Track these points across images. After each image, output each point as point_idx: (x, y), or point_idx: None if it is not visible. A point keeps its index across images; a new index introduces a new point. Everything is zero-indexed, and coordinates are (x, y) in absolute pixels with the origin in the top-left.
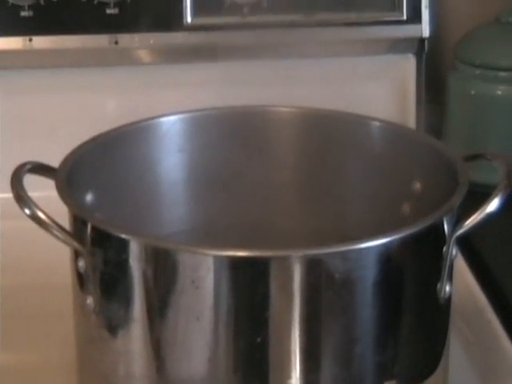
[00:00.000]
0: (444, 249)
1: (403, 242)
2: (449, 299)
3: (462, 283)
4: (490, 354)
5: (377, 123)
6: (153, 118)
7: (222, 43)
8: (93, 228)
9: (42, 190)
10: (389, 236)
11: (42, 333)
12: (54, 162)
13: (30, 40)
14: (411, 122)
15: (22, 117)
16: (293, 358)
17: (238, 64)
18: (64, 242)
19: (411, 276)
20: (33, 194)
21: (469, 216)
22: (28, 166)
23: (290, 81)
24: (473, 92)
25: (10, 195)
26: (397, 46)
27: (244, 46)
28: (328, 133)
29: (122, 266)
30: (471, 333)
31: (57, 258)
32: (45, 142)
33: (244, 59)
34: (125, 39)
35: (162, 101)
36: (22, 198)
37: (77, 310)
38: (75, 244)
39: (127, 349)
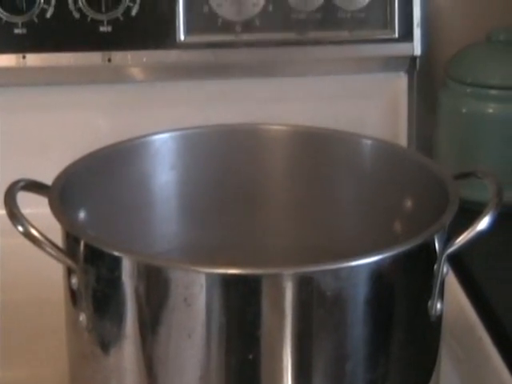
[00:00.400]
0: (435, 266)
1: (395, 260)
2: (440, 317)
3: (452, 300)
4: (481, 371)
5: (368, 141)
6: (145, 136)
7: (214, 61)
8: (85, 245)
9: (35, 207)
10: (380, 254)
11: (34, 348)
12: (47, 179)
13: (24, 57)
14: (403, 139)
15: (14, 134)
16: (284, 375)
17: (231, 82)
18: (57, 259)
19: (402, 293)
20: (26, 210)
21: (460, 234)
22: (21, 184)
23: (282, 99)
24: (464, 110)
25: (1, 211)
26: (389, 64)
27: (237, 64)
28: (320, 151)
29: (115, 283)
30: (462, 350)
31: (51, 274)
32: (38, 159)
33: (236, 77)
34: (118, 57)
35: (154, 118)
36: (15, 215)
37: (69, 326)
38: (68, 261)
39: (119, 365)
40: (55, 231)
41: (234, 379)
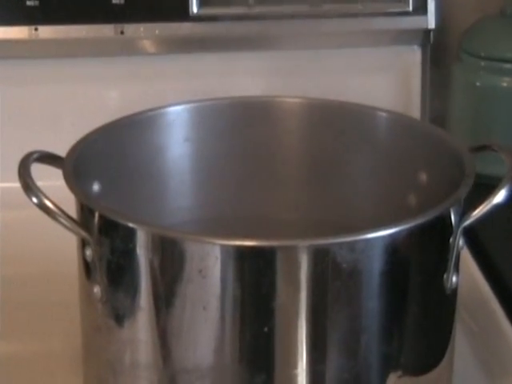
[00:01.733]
0: (451, 240)
1: (410, 233)
2: (455, 290)
3: (467, 275)
4: (495, 345)
5: (383, 114)
6: (159, 108)
7: (227, 34)
8: (100, 217)
9: (49, 180)
10: (396, 226)
11: (47, 322)
12: (59, 151)
13: (36, 29)
14: (416, 113)
15: (26, 106)
16: (299, 348)
17: (243, 55)
18: (71, 230)
19: (418, 267)
20: (39, 183)
21: (475, 207)
22: (35, 155)
23: (294, 72)
24: (478, 84)
25: (14, 184)
26: (402, 37)
27: (249, 37)
28: (333, 123)
29: (129, 255)
30: (476, 324)
31: (62, 247)
32: (49, 131)
33: (249, 50)
34: (130, 29)
35: (167, 91)
36: (29, 186)
37: (83, 298)
38: (82, 233)
39: (133, 338)
40: (69, 204)
41: (248, 352)
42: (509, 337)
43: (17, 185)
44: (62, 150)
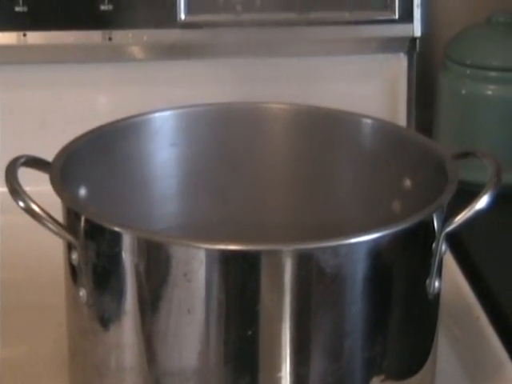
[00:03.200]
0: (433, 245)
1: (393, 238)
2: (438, 295)
3: (450, 280)
4: (478, 350)
5: (368, 121)
6: (146, 114)
7: (215, 41)
8: (86, 221)
9: (36, 185)
10: (379, 231)
11: (33, 326)
12: (47, 156)
13: (24, 35)
14: (402, 120)
15: (15, 112)
16: (283, 351)
17: (231, 62)
18: (57, 234)
19: (401, 271)
20: (26, 188)
21: (458, 213)
22: (22, 160)
23: (281, 79)
24: (463, 91)
25: (5, 189)
26: (388, 45)
27: (237, 44)
28: (320, 129)
29: (115, 258)
30: (459, 329)
31: (51, 252)
32: (37, 136)
33: (237, 57)
34: (118, 35)
35: (154, 97)
36: (16, 190)
37: (69, 302)
38: (68, 236)
39: (119, 341)
40: (56, 208)
41: (232, 355)
42: (492, 342)
43: (4, 189)
44: (50, 155)
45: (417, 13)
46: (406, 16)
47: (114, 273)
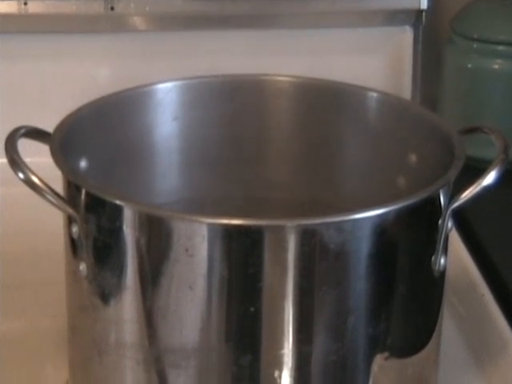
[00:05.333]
0: (439, 221)
1: (399, 214)
2: (443, 272)
3: (455, 258)
4: (483, 328)
5: (374, 94)
6: (148, 85)
7: (218, 12)
8: (87, 194)
9: (36, 157)
10: (384, 207)
11: (33, 300)
12: (47, 128)
13: (25, 4)
14: (407, 94)
15: (14, 82)
16: (285, 329)
17: (234, 33)
18: (57, 207)
19: (406, 248)
20: (26, 160)
21: (464, 189)
22: (22, 131)
23: (284, 51)
24: (469, 66)
25: (4, 160)
26: (394, 17)
27: (240, 16)
28: (324, 103)
29: (116, 232)
30: (464, 307)
31: (51, 225)
32: (38, 108)
33: (240, 28)
34: (120, 5)
35: (157, 68)
36: (15, 162)
37: (69, 276)
38: (69, 209)
39: (119, 316)
40: (56, 181)
41: (234, 331)
42: (496, 320)
43: (3, 160)
44: (50, 127)
45: None
46: None
47: (114, 247)
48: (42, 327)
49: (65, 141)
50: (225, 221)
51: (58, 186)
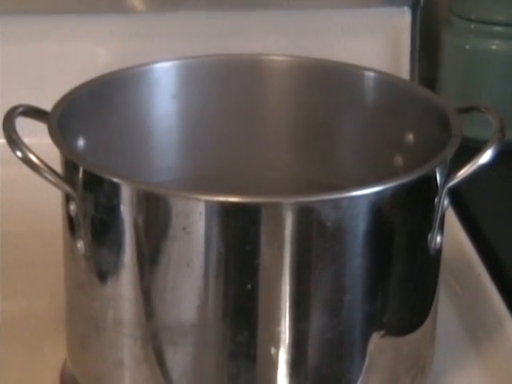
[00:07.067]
0: (436, 200)
1: (395, 192)
2: (439, 250)
3: (451, 237)
4: (479, 307)
5: (371, 73)
6: (146, 64)
7: None
8: (84, 172)
9: (34, 137)
10: (381, 185)
11: (31, 279)
12: (45, 108)
13: None
14: (405, 75)
15: (13, 62)
16: (282, 306)
17: (231, 14)
18: (55, 185)
19: (402, 226)
20: (25, 139)
21: (461, 168)
22: (20, 109)
23: (284, 32)
24: (467, 46)
25: (2, 140)
26: None
27: None
28: (321, 82)
29: (113, 210)
30: (460, 286)
31: (50, 204)
32: (35, 88)
33: (239, 9)
34: None
35: (154, 49)
36: (13, 140)
37: (67, 254)
38: (66, 188)
39: (117, 294)
40: (54, 160)
41: (231, 309)
42: (492, 298)
43: (2, 140)
44: (48, 107)
45: None
46: None
47: (112, 225)
48: (40, 306)
49: (63, 120)
50: (222, 198)
51: (57, 165)
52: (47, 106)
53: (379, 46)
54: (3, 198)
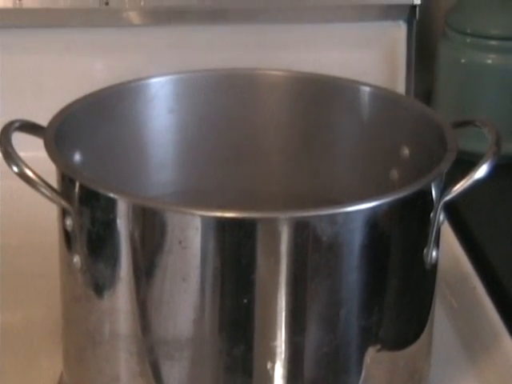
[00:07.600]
0: (431, 214)
1: (391, 207)
2: (435, 265)
3: (447, 250)
4: (475, 320)
5: (367, 88)
6: (143, 79)
7: (211, 7)
8: (81, 186)
9: (30, 151)
10: (377, 200)
11: (28, 292)
12: (41, 122)
13: None
14: (401, 89)
15: (10, 76)
16: (278, 320)
17: (228, 28)
18: (51, 200)
19: (398, 241)
20: (21, 154)
21: (456, 182)
22: (16, 124)
23: (279, 46)
24: (463, 60)
25: None
26: (388, 12)
27: (234, 10)
28: (318, 97)
29: (110, 225)
30: (456, 299)
31: (46, 218)
32: (32, 101)
33: (234, 23)
34: (115, 0)
35: (151, 63)
36: (10, 155)
37: (63, 268)
38: (63, 202)
39: (113, 308)
40: (50, 174)
41: (228, 323)
42: (488, 312)
43: None
44: (44, 121)
45: None
46: None
47: (108, 239)
48: (36, 319)
49: (59, 134)
50: (218, 213)
51: (53, 180)
52: (44, 119)
53: (375, 59)
54: (1, 210)
